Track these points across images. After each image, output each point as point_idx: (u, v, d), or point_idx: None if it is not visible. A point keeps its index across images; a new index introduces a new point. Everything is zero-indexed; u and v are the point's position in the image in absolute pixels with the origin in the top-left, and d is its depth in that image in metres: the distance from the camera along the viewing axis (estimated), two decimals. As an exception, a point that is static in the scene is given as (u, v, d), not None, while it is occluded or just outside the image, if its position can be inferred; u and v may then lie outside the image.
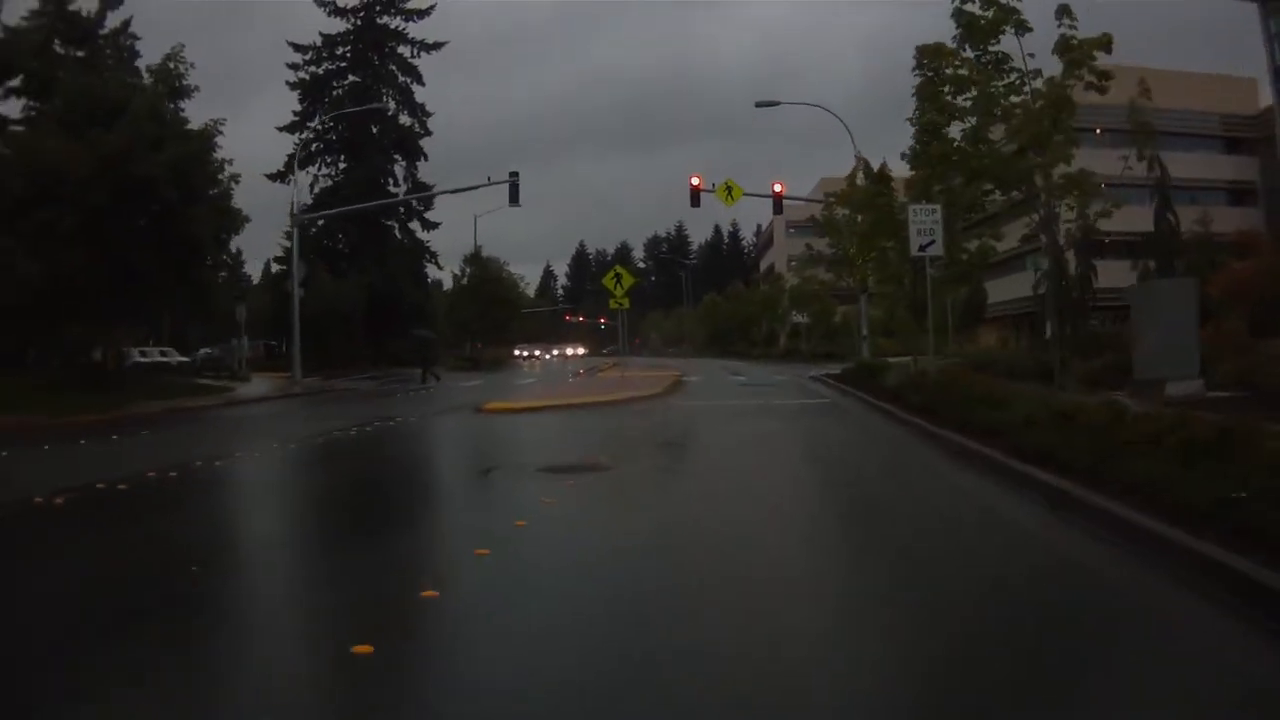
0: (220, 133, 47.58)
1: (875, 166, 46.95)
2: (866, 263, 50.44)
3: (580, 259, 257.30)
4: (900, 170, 40.25)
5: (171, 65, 47.46)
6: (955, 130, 34.41)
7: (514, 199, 60.96)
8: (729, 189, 60.92)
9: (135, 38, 62.94)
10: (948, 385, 27.43)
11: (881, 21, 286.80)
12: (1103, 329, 63.78)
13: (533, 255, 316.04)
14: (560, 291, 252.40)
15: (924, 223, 32.98)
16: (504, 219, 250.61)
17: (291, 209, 60.58)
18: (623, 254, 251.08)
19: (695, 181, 61.00)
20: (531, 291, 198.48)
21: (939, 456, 19.87)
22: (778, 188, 62.07)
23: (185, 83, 48.15)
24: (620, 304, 55.27)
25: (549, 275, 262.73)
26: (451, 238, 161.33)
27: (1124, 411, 16.57)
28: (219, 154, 47.36)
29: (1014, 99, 33.09)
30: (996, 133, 33.99)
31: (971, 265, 38.44)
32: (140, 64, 59.48)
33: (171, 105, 47.30)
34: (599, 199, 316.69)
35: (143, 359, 68.39)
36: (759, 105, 60.23)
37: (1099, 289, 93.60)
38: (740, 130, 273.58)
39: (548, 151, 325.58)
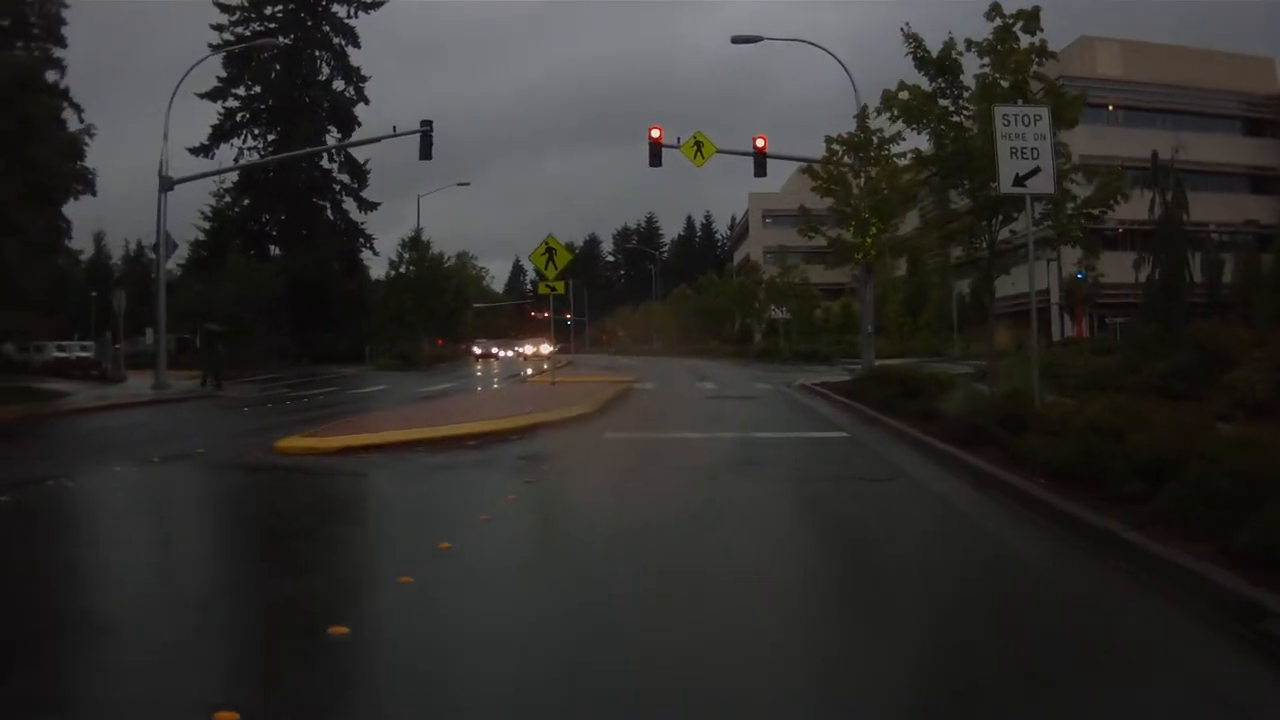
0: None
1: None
2: (879, 234, 38.48)
3: (549, 253, 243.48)
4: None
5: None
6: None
7: (425, 152, 49.53)
8: (698, 144, 47.38)
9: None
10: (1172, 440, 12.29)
11: (864, 21, 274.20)
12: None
13: (504, 250, 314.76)
14: (529, 286, 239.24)
15: (1022, 137, 19.77)
16: (476, 213, 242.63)
17: (161, 168, 47.04)
18: (590, 246, 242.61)
19: (655, 134, 48.15)
20: (500, 286, 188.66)
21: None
22: (760, 142, 48.16)
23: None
24: (552, 287, 43.74)
25: (518, 270, 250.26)
26: (407, 229, 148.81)
27: None
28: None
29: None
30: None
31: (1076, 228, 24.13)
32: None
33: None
34: (573, 193, 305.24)
35: (60, 353, 63.74)
36: (735, 41, 46.85)
37: (1112, 284, 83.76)
38: (720, 123, 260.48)
39: (523, 146, 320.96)
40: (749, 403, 35.48)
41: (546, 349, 69.84)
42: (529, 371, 65.26)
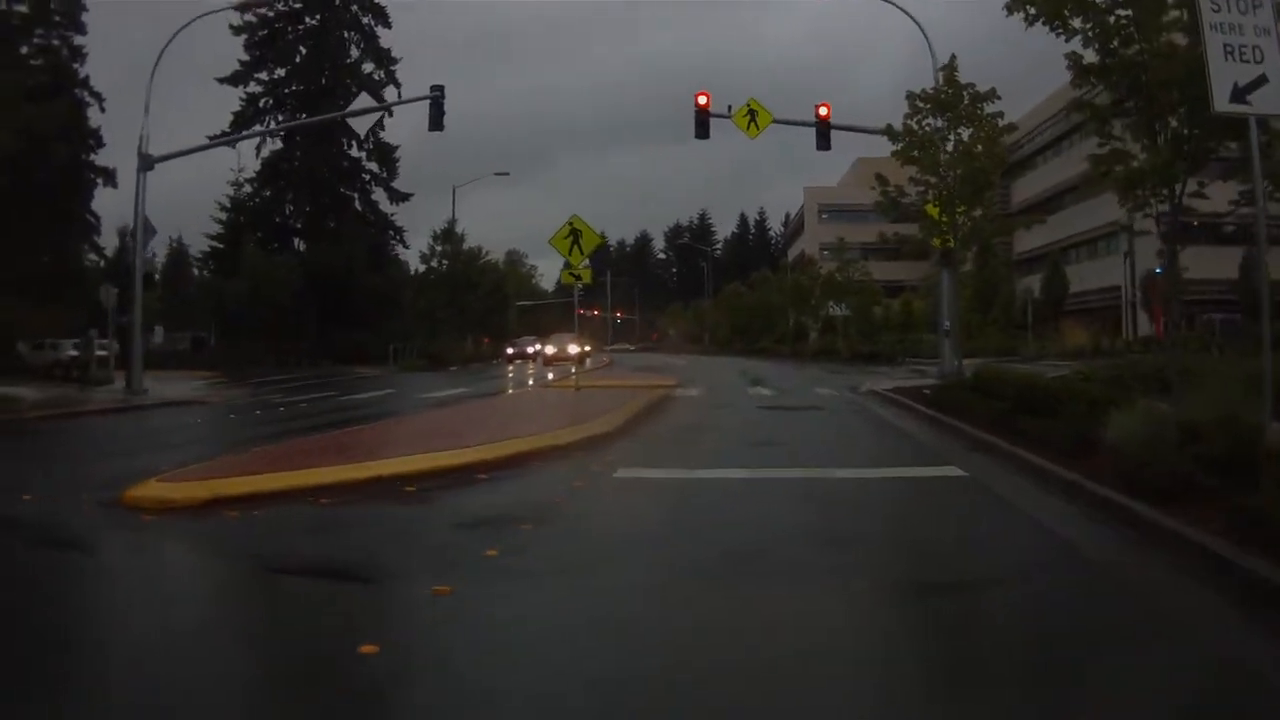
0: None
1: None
2: (969, 210, 31.67)
3: (600, 251, 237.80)
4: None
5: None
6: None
7: (436, 122, 43.44)
8: (752, 113, 40.95)
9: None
10: None
11: (934, 15, 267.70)
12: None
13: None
14: (583, 287, 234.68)
15: (1238, 30, 13.16)
16: (530, 211, 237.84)
17: (140, 145, 41.01)
18: (642, 244, 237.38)
19: (702, 100, 41.48)
20: (551, 285, 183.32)
21: None
22: (823, 110, 41.55)
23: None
24: (577, 275, 37.35)
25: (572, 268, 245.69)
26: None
27: None
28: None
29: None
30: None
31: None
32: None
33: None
34: (630, 191, 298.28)
35: (74, 352, 55.05)
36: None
37: (1192, 279, 77.43)
38: (782, 129, 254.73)
39: (579, 143, 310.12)
40: (813, 416, 28.22)
41: (574, 349, 62.35)
42: (550, 372, 59.74)
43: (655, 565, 10.07)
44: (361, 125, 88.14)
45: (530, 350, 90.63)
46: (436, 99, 43.10)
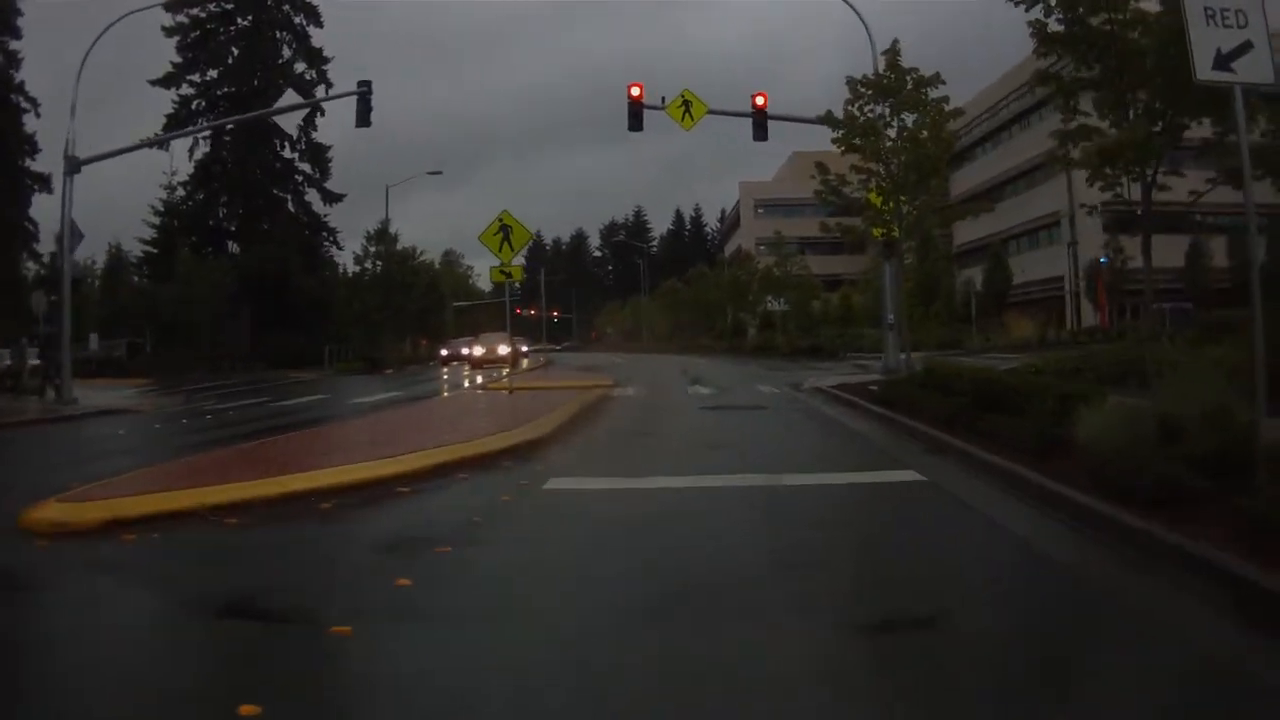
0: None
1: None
2: (914, 198, 31.19)
3: (536, 250, 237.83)
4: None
5: None
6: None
7: (363, 119, 42.27)
8: (686, 104, 39.88)
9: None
10: None
11: (872, 8, 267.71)
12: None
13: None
14: (517, 284, 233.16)
15: None
16: (467, 213, 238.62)
17: (66, 148, 39.70)
18: (578, 242, 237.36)
19: (635, 92, 40.29)
20: (488, 284, 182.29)
21: None
22: (759, 100, 40.15)
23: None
24: (508, 273, 35.33)
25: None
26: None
27: None
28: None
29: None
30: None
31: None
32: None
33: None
34: (565, 190, 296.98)
35: (9, 362, 52.18)
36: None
37: (1135, 269, 76.82)
38: (723, 122, 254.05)
39: (514, 144, 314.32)
40: (756, 416, 26.83)
41: (504, 349, 60.39)
42: (481, 378, 55.83)
43: (584, 599, 8.63)
44: (294, 126, 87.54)
45: (464, 351, 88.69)
46: (363, 94, 41.72)
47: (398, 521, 12.51)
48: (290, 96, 72.35)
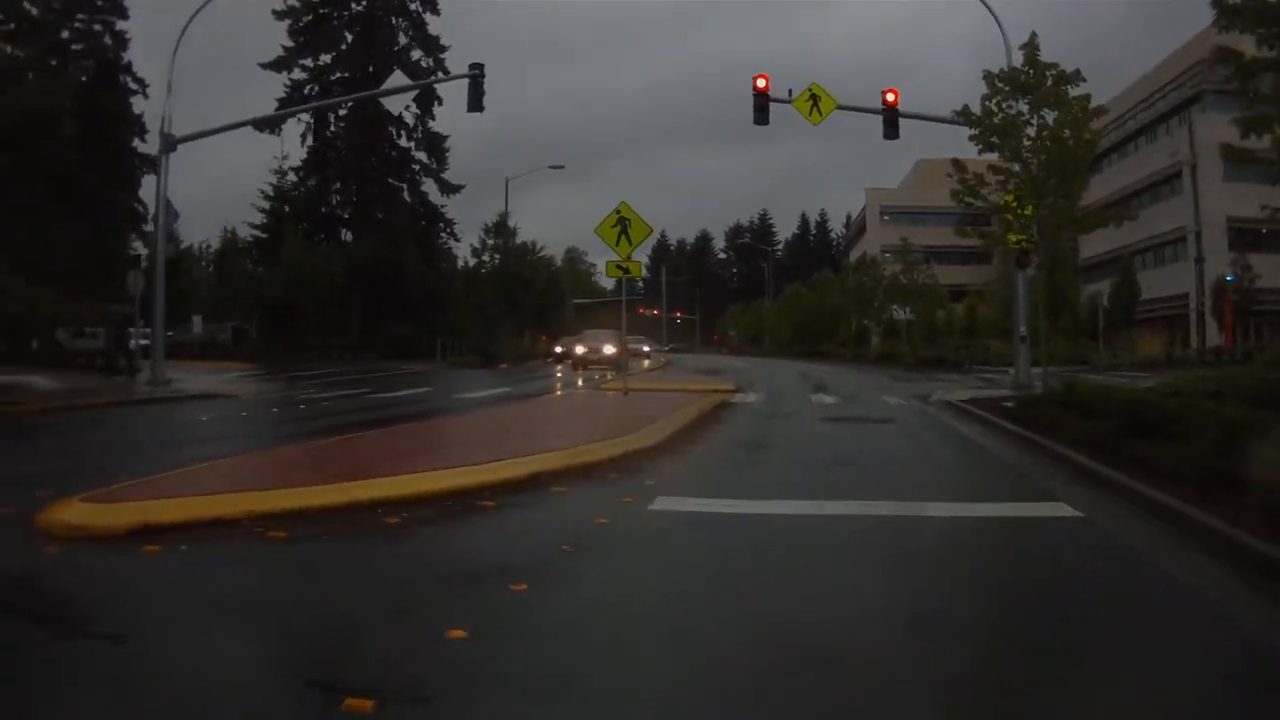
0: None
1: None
2: (1048, 205, 28.97)
3: (660, 250, 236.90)
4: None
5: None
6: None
7: (475, 103, 41.23)
8: (814, 98, 38.61)
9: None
10: None
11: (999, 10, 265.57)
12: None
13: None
14: (640, 284, 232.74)
15: None
16: (587, 210, 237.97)
17: (162, 125, 39.10)
18: (702, 243, 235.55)
19: (761, 84, 38.92)
20: (611, 282, 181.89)
21: None
22: (890, 96, 39.09)
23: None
24: (625, 268, 33.14)
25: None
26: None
27: None
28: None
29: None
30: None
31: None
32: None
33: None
34: (690, 191, 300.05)
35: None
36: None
37: (1263, 288, 74.45)
38: (850, 127, 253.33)
39: (638, 142, 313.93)
40: (884, 430, 24.91)
41: (610, 349, 57.46)
42: (600, 376, 53.74)
43: (672, 668, 6.92)
44: (411, 115, 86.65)
45: (578, 349, 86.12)
46: (475, 78, 40.78)
47: (472, 545, 10.96)
48: (400, 79, 71.82)
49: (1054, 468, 17.05)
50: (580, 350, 65.52)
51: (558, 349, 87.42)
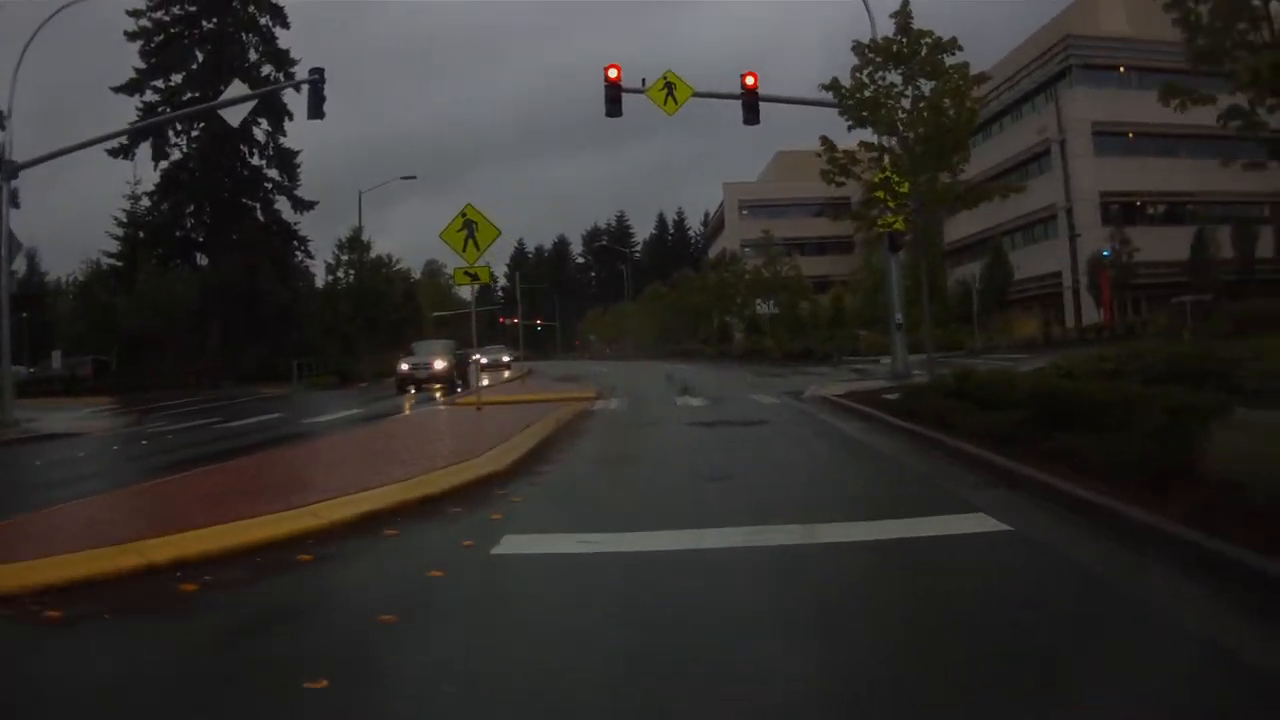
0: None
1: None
2: (923, 177, 27.20)
3: (519, 258, 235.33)
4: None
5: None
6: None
7: (315, 110, 38.64)
8: (669, 86, 36.55)
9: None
10: None
11: (855, 14, 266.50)
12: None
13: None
14: (499, 293, 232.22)
15: None
16: (446, 223, 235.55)
17: (3, 151, 36.69)
18: (560, 249, 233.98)
19: (613, 74, 37.06)
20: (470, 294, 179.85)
21: None
22: (749, 80, 37.00)
23: None
24: (473, 274, 31.07)
25: (489, 276, 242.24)
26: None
27: None
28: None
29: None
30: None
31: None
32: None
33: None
34: (548, 198, 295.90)
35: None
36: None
37: (1140, 262, 74.05)
38: (705, 123, 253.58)
39: (495, 153, 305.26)
40: (758, 433, 22.75)
41: (440, 364, 49.14)
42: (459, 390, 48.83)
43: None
44: (262, 132, 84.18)
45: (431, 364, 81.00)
46: (315, 82, 38.44)
47: (271, 619, 8.49)
48: (237, 87, 68.80)
49: (959, 468, 14.91)
50: (404, 367, 53.70)
51: (404, 366, 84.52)
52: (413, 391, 49.57)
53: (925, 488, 13.87)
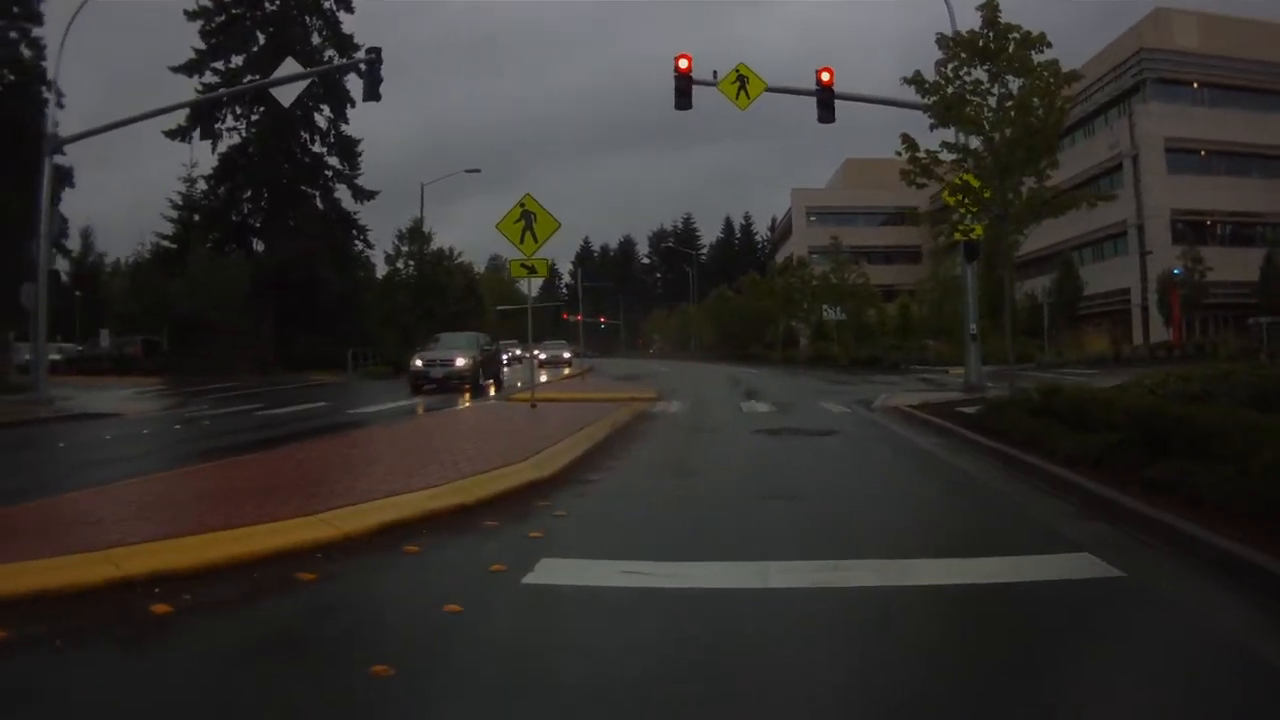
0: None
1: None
2: (1010, 181, 25.08)
3: (583, 256, 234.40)
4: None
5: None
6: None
7: (371, 92, 37.44)
8: (741, 80, 35.12)
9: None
10: None
11: (925, 22, 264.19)
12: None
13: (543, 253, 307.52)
14: (564, 290, 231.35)
15: None
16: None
17: (48, 124, 35.72)
18: (626, 248, 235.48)
19: (683, 64, 35.50)
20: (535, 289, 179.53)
21: None
22: (825, 76, 35.71)
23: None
24: (530, 267, 29.78)
25: (554, 273, 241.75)
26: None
27: None
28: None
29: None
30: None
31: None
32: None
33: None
34: (614, 196, 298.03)
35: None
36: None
37: (1211, 282, 72.33)
38: (773, 129, 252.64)
39: (562, 149, 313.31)
40: (830, 446, 21.01)
41: (462, 361, 40.71)
42: (514, 386, 46.95)
43: None
44: (324, 119, 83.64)
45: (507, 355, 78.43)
46: (371, 63, 37.20)
47: (245, 660, 6.99)
48: (291, 65, 67.62)
49: (1050, 495, 13.39)
50: (418, 364, 45.46)
51: (418, 362, 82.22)
52: (417, 394, 42.33)
53: (1018, 518, 12.36)
